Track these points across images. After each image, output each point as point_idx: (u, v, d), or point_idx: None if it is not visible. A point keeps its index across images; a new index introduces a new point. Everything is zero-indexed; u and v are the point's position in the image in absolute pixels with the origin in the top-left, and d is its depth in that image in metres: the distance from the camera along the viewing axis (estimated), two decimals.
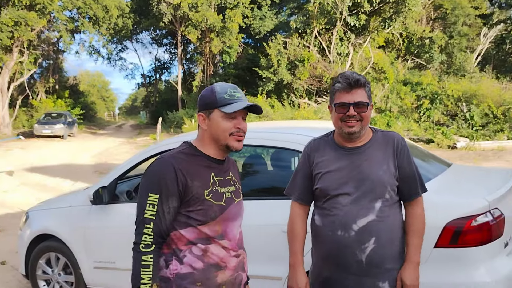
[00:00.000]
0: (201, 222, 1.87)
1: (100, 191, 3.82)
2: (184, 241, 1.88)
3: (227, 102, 1.89)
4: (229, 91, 1.91)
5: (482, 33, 28.17)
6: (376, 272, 2.12)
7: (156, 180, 1.82)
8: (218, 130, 1.91)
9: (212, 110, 1.91)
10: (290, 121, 6.24)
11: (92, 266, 3.99)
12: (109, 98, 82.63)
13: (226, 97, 1.89)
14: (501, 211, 2.81)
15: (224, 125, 1.90)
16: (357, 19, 22.84)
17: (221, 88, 1.92)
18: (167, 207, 1.81)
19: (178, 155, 1.90)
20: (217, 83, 1.97)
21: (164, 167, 1.84)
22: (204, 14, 29.80)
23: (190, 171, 1.86)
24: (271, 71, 22.82)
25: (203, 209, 1.86)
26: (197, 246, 1.88)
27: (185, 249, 1.88)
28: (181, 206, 1.86)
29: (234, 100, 1.90)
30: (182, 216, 1.86)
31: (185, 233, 1.87)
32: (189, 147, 1.96)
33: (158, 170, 1.84)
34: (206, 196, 1.87)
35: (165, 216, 1.81)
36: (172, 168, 1.82)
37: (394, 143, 2.21)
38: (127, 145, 23.30)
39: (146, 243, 1.79)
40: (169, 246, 1.89)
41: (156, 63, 47.72)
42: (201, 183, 1.87)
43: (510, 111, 18.85)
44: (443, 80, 22.90)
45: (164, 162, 1.86)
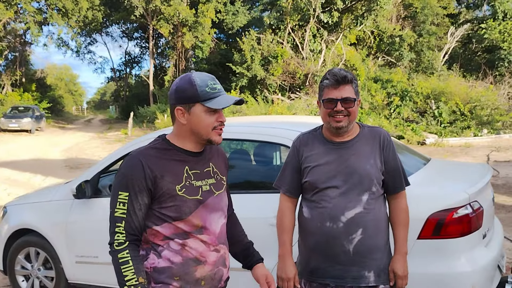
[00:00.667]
0: (176, 218, 1.82)
1: (83, 185, 3.78)
2: (161, 237, 1.85)
3: (210, 96, 1.81)
4: (210, 84, 1.82)
5: (449, 32, 28.85)
6: (362, 261, 2.21)
7: (125, 178, 1.78)
8: (200, 125, 1.83)
9: (193, 104, 1.81)
10: (274, 116, 6.29)
11: (73, 260, 3.95)
12: (77, 92, 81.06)
13: (209, 91, 1.81)
14: (480, 203, 2.94)
15: (208, 120, 1.83)
16: (330, 16, 23.06)
17: (201, 80, 1.81)
18: (137, 204, 1.77)
19: (147, 150, 1.84)
20: (193, 73, 1.86)
21: (132, 164, 1.79)
22: (177, 8, 29.54)
23: (159, 166, 1.80)
24: (245, 66, 22.84)
25: (176, 205, 1.81)
26: (175, 241, 1.84)
27: (163, 244, 1.85)
28: (153, 203, 1.82)
29: (217, 94, 1.83)
30: (156, 213, 1.82)
31: (161, 230, 1.83)
32: (162, 141, 1.89)
33: (126, 167, 1.80)
34: (178, 192, 1.81)
35: (136, 213, 1.77)
36: (139, 164, 1.78)
37: (380, 138, 2.29)
38: (98, 139, 22.93)
39: (119, 241, 1.75)
40: (147, 241, 1.87)
41: (127, 57, 47.04)
42: (172, 178, 1.81)
43: (476, 108, 19.41)
44: (412, 78, 23.38)
45: (132, 159, 1.81)
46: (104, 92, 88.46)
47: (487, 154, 13.51)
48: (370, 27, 25.61)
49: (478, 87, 21.99)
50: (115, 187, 1.80)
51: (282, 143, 3.33)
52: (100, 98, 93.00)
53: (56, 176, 11.55)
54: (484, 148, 14.97)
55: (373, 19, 24.52)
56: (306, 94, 22.01)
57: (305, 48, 23.43)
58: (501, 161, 12.19)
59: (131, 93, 45.61)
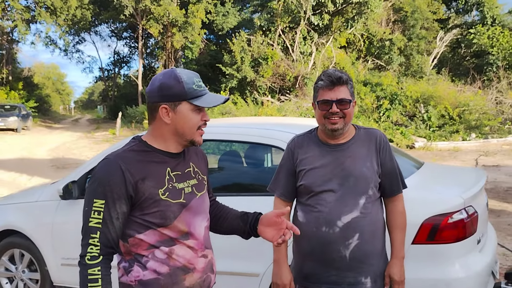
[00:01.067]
0: (160, 224, 1.69)
1: (70, 186, 3.70)
2: (145, 246, 1.71)
3: (197, 93, 1.70)
4: (196, 81, 1.72)
5: (439, 37, 29.06)
6: (358, 267, 2.16)
7: (101, 184, 1.62)
8: (186, 124, 1.72)
9: (179, 103, 1.70)
10: (266, 117, 6.23)
11: (59, 263, 3.86)
12: (65, 91, 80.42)
13: (196, 88, 1.70)
14: (475, 208, 2.91)
15: (194, 119, 1.72)
16: (321, 18, 23.09)
17: (187, 77, 1.70)
18: (115, 213, 1.62)
19: (125, 153, 1.70)
20: (176, 69, 1.74)
21: (110, 169, 1.64)
22: (166, 8, 29.36)
23: (140, 170, 1.67)
24: (235, 68, 22.78)
25: (160, 210, 1.68)
26: (160, 249, 1.71)
27: (147, 254, 1.71)
28: (134, 210, 1.68)
29: (203, 92, 1.73)
30: (139, 220, 1.69)
31: (144, 238, 1.70)
32: (139, 143, 1.76)
33: (103, 172, 1.64)
34: (161, 196, 1.68)
35: (114, 223, 1.62)
36: (118, 169, 1.63)
37: (376, 140, 2.25)
38: (85, 139, 22.69)
39: (92, 255, 1.59)
40: (129, 252, 1.72)
41: (115, 56, 46.71)
42: (154, 182, 1.68)
43: (465, 113, 19.53)
44: (401, 82, 23.48)
45: (109, 163, 1.66)
46: (92, 92, 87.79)
47: (475, 159, 13.58)
48: (360, 30, 25.70)
49: (466, 92, 22.14)
50: (90, 194, 1.64)
51: (275, 145, 3.27)
52: (88, 98, 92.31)
53: (42, 176, 11.38)
54: (472, 153, 15.05)
55: (364, 22, 24.61)
56: (295, 96, 22.00)
57: (296, 50, 23.43)
58: (489, 165, 12.25)
59: (120, 93, 45.28)
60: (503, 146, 16.30)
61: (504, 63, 25.43)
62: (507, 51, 25.56)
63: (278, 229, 1.82)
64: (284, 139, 3.19)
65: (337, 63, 23.82)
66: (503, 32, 26.20)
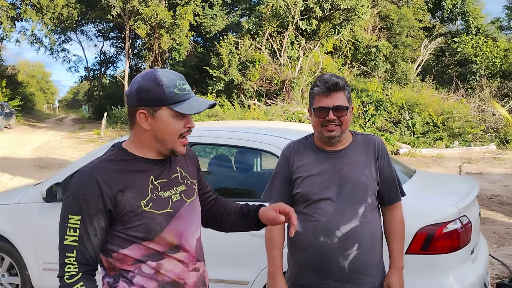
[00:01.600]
0: (145, 238, 1.55)
1: (54, 188, 3.58)
2: (130, 261, 1.57)
3: (179, 98, 1.55)
4: (179, 84, 1.56)
5: (423, 45, 29.37)
6: (357, 278, 2.10)
7: (76, 199, 1.48)
8: (167, 132, 1.58)
9: (159, 108, 1.55)
10: (259, 122, 6.15)
11: (41, 267, 3.74)
12: (49, 90, 79.57)
13: (178, 92, 1.55)
14: (469, 218, 2.88)
15: (175, 126, 1.57)
16: (309, 24, 23.15)
17: (169, 79, 1.55)
18: (92, 229, 1.49)
19: (102, 163, 1.57)
20: (158, 70, 1.59)
21: (85, 182, 1.50)
22: (155, 9, 29.15)
23: (119, 181, 1.53)
24: (222, 70, 22.70)
25: (144, 223, 1.54)
26: (147, 264, 1.57)
27: (133, 269, 1.57)
28: (116, 225, 1.54)
29: (186, 96, 1.57)
30: (121, 235, 1.55)
31: (129, 253, 1.56)
32: (118, 151, 1.62)
33: (78, 186, 1.51)
34: (144, 208, 1.55)
35: (91, 239, 1.49)
36: (94, 182, 1.49)
37: (375, 146, 2.20)
38: (69, 139, 22.38)
39: (70, 274, 1.47)
40: (113, 267, 1.59)
41: (102, 56, 46.26)
42: (135, 193, 1.55)
43: (448, 120, 19.73)
44: (387, 88, 23.64)
45: (84, 176, 1.52)
46: (77, 91, 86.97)
47: (459, 166, 13.69)
48: (347, 36, 25.83)
49: (450, 100, 22.40)
50: (65, 209, 1.50)
51: (268, 150, 3.21)
52: (73, 97, 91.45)
53: (25, 175, 11.17)
54: (455, 160, 15.17)
55: (351, 29, 24.73)
56: (282, 100, 21.99)
57: (283, 54, 23.44)
58: (473, 172, 12.35)
59: (105, 93, 44.82)
60: (485, 153, 16.47)
61: (487, 72, 25.79)
62: (490, 61, 25.94)
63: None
64: (277, 145, 3.14)
65: (324, 68, 23.89)
66: (486, 41, 26.60)
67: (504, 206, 8.15)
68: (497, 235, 6.29)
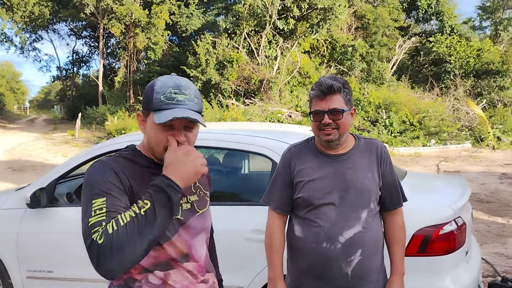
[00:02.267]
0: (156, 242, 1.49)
1: (38, 193, 3.45)
2: (138, 269, 1.51)
3: (161, 106, 1.47)
4: (169, 92, 1.49)
5: (398, 44, 29.73)
6: (360, 284, 2.07)
7: (97, 184, 1.42)
8: (152, 139, 1.53)
9: (148, 113, 1.52)
10: (249, 123, 6.05)
11: (25, 275, 3.60)
12: (20, 90, 77.88)
13: (163, 100, 1.47)
14: (463, 219, 2.88)
15: (157, 137, 1.50)
16: (286, 23, 23.16)
17: (162, 85, 1.50)
18: (120, 203, 1.41)
19: (118, 159, 1.53)
20: (163, 76, 1.56)
21: (104, 169, 1.46)
22: (129, 8, 28.77)
23: (133, 176, 1.49)
24: (199, 70, 22.52)
25: None
26: (155, 274, 1.52)
27: (140, 278, 1.51)
28: None
29: (171, 105, 1.47)
30: None
31: None
32: (133, 152, 1.59)
33: (98, 173, 1.46)
34: None
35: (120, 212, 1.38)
36: (111, 170, 1.45)
37: (377, 150, 2.16)
38: (42, 140, 21.90)
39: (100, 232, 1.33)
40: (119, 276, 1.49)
41: (74, 56, 45.39)
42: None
43: (425, 119, 20.02)
44: (363, 88, 23.85)
45: (102, 165, 1.48)
46: (48, 91, 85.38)
47: (436, 164, 13.89)
48: (324, 35, 25.95)
49: (426, 99, 22.73)
50: (86, 199, 1.42)
51: (261, 153, 3.14)
52: (44, 97, 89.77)
53: None
54: (433, 158, 15.40)
55: (328, 28, 24.85)
56: (261, 100, 21.96)
57: (261, 54, 23.40)
58: (450, 171, 12.54)
59: (78, 93, 44.07)
60: (461, 152, 16.77)
61: (461, 72, 26.26)
62: (464, 60, 26.42)
63: None
64: (272, 148, 3.08)
65: (301, 67, 23.96)
66: (460, 41, 27.08)
67: (483, 204, 8.28)
68: (479, 233, 6.37)
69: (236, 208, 3.18)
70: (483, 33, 35.42)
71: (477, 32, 34.35)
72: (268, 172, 3.29)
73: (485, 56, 26.27)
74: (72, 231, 3.14)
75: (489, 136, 17.90)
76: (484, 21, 36.16)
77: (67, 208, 3.64)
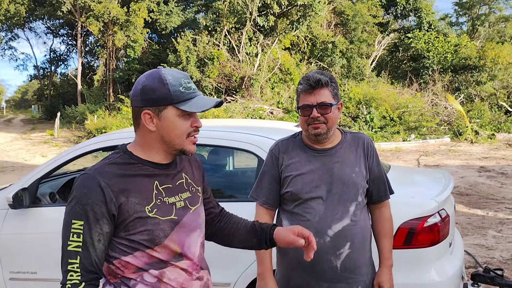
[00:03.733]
0: (149, 245, 1.51)
1: (20, 193, 3.39)
2: (132, 269, 1.52)
3: (185, 97, 1.51)
4: (184, 83, 1.53)
5: (377, 40, 30.00)
6: (350, 277, 2.09)
7: (79, 203, 1.43)
8: (173, 132, 1.54)
9: (165, 107, 1.51)
10: (236, 120, 6.05)
11: (7, 277, 3.54)
12: None
13: (183, 91, 1.51)
14: (446, 211, 2.92)
15: (182, 126, 1.53)
16: (266, 20, 23.19)
17: (174, 78, 1.52)
18: (96, 235, 1.44)
19: (106, 167, 1.51)
20: (162, 69, 1.56)
21: (88, 185, 1.46)
22: (107, 6, 28.44)
23: (123, 186, 1.48)
24: (180, 68, 22.40)
25: (148, 229, 1.50)
26: (149, 273, 1.53)
27: (135, 277, 1.53)
28: (119, 231, 1.50)
29: (192, 94, 1.54)
30: (124, 241, 1.50)
31: (131, 260, 1.52)
32: (123, 154, 1.57)
33: (81, 189, 1.46)
34: (148, 213, 1.50)
35: (95, 245, 1.44)
36: (97, 186, 1.45)
37: (364, 144, 2.18)
38: (21, 141, 21.55)
39: (73, 282, 1.41)
40: (114, 275, 1.54)
41: (52, 54, 44.73)
42: (139, 198, 1.50)
43: (404, 114, 20.28)
44: (344, 84, 24.03)
45: (88, 179, 1.47)
46: (25, 91, 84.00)
47: (416, 159, 14.07)
48: (304, 32, 26.05)
49: (405, 94, 23.01)
50: (68, 215, 1.45)
51: (248, 149, 3.14)
52: (21, 97, 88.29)
53: None
54: (413, 153, 15.59)
55: (308, 25, 24.95)
56: (242, 97, 21.95)
57: (241, 51, 23.38)
58: (430, 165, 12.72)
59: (56, 92, 43.44)
60: (440, 146, 17.02)
61: (439, 67, 26.63)
62: (441, 56, 26.80)
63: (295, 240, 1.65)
64: (256, 143, 3.09)
65: (282, 64, 24.02)
66: (438, 37, 27.45)
67: (463, 197, 8.43)
68: (460, 226, 6.48)
69: (223, 205, 3.17)
70: (460, 29, 35.99)
71: (454, 28, 34.88)
72: (254, 168, 3.30)
73: (462, 51, 26.70)
74: (56, 231, 3.07)
75: (467, 130, 18.20)
76: (461, 17, 36.77)
77: (50, 208, 3.59)
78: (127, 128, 4.16)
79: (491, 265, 4.86)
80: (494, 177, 10.39)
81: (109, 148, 3.34)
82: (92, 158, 7.78)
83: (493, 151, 15.17)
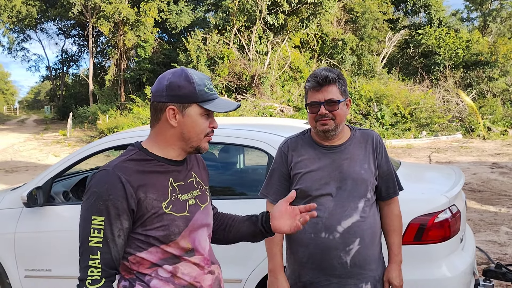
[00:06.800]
0: (164, 240, 1.55)
1: (34, 192, 3.45)
2: (147, 264, 1.56)
3: (208, 97, 1.57)
4: (208, 84, 1.59)
5: (387, 37, 29.81)
6: (360, 273, 2.10)
7: (100, 199, 1.46)
8: (194, 130, 1.58)
9: (189, 105, 1.56)
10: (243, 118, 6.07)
11: (23, 274, 3.60)
12: (9, 91, 77.39)
13: (207, 91, 1.57)
14: (457, 207, 2.92)
15: (203, 125, 1.58)
16: (276, 18, 23.17)
17: (199, 78, 1.57)
18: (117, 230, 1.47)
19: (124, 163, 1.54)
20: (187, 69, 1.60)
21: (109, 182, 1.48)
22: (117, 6, 28.62)
23: (142, 182, 1.52)
24: (190, 67, 22.48)
25: (164, 225, 1.54)
26: (164, 268, 1.57)
27: (150, 272, 1.57)
28: (136, 226, 1.53)
29: (214, 95, 1.60)
30: (140, 237, 1.54)
31: (146, 256, 1.55)
32: (139, 151, 1.60)
33: (102, 185, 1.48)
34: (165, 209, 1.54)
35: (116, 241, 1.47)
36: (118, 181, 1.48)
37: (373, 141, 2.19)
38: (34, 141, 21.78)
39: (93, 278, 1.44)
40: (129, 270, 1.58)
41: (63, 55, 45.13)
42: (157, 195, 1.54)
43: (416, 111, 20.14)
44: (354, 81, 23.93)
45: (108, 175, 1.49)
46: (38, 91, 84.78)
47: (428, 155, 14.00)
48: (314, 30, 25.98)
49: (416, 91, 22.85)
50: (87, 210, 1.47)
51: (258, 147, 3.16)
52: (34, 98, 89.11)
53: None
54: (424, 149, 15.51)
55: (317, 23, 24.87)
56: (252, 95, 21.97)
57: (251, 49, 23.39)
58: (442, 161, 12.65)
59: (68, 93, 43.84)
60: (452, 143, 16.91)
61: (450, 63, 26.40)
62: (453, 52, 26.55)
63: (293, 216, 1.68)
64: (266, 141, 3.11)
65: (292, 62, 23.99)
66: (449, 33, 27.21)
67: (476, 194, 8.38)
68: (472, 222, 6.45)
69: (234, 202, 3.20)
70: (471, 25, 35.63)
71: (465, 24, 34.53)
72: (264, 166, 3.32)
73: (474, 47, 26.43)
74: (70, 229, 3.16)
75: (480, 127, 18.05)
76: (472, 13, 36.39)
77: (64, 206, 3.64)
78: (138, 127, 4.20)
79: (503, 261, 4.84)
80: (507, 174, 10.30)
81: (121, 147, 3.38)
82: (104, 157, 7.86)
83: (505, 147, 15.03)
